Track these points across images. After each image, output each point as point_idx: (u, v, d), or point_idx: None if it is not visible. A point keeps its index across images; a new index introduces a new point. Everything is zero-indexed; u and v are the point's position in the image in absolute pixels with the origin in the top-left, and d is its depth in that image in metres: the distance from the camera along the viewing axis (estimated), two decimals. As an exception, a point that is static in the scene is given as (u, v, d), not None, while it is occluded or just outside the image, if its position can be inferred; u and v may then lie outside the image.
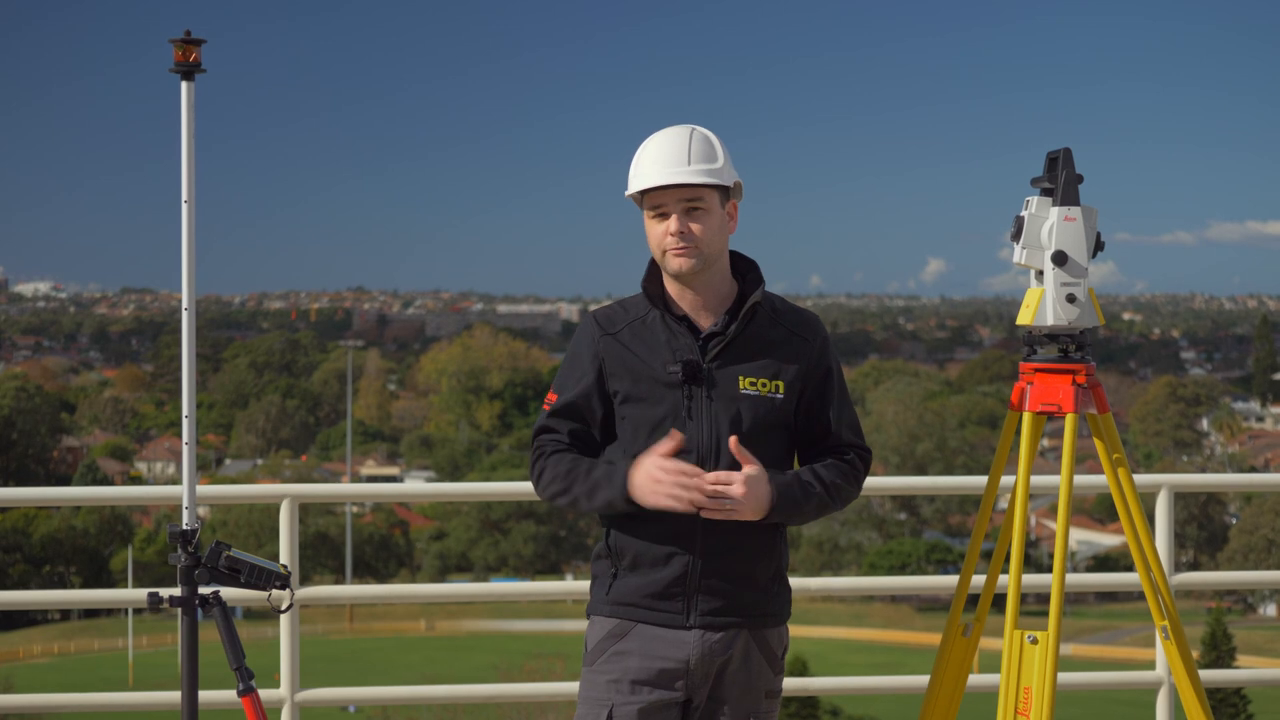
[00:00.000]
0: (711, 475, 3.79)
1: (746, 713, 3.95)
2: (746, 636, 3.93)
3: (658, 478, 3.78)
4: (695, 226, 3.89)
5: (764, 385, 3.92)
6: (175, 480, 72.58)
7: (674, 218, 3.90)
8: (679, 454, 3.86)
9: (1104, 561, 62.12)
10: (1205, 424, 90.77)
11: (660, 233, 3.92)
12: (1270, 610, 62.80)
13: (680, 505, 3.78)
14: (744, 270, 4.03)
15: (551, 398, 4.00)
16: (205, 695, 4.73)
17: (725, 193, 3.96)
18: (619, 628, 3.94)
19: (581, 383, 3.97)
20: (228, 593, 4.36)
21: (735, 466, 3.85)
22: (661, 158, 3.92)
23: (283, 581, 4.23)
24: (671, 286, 3.98)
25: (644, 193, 3.94)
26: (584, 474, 3.89)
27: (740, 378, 3.92)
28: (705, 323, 3.96)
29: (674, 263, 3.91)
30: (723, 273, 3.98)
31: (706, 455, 3.87)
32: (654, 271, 4.01)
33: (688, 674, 3.90)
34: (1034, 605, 4.94)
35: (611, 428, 3.97)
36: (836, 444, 4.00)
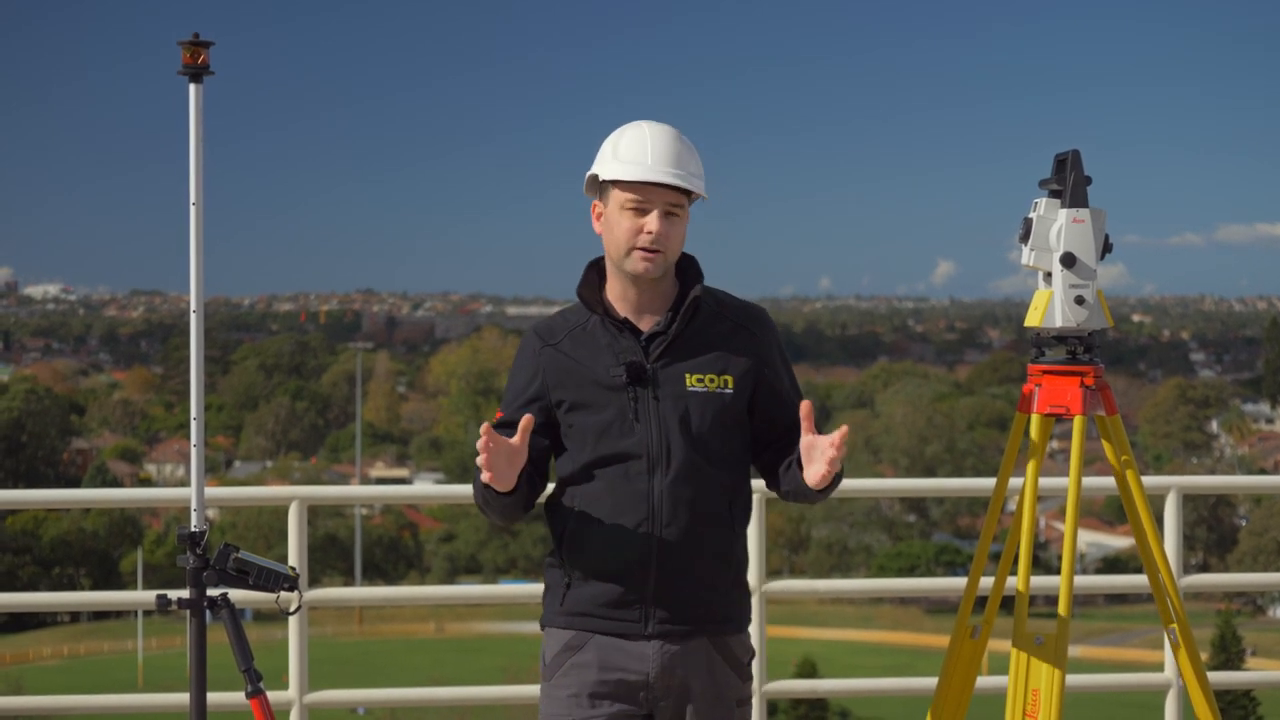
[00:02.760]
0: (830, 438, 3.64)
1: None
2: (709, 647, 3.80)
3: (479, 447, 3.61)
4: (670, 231, 3.78)
5: (711, 381, 3.80)
6: (185, 482, 72.58)
7: (655, 217, 3.76)
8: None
9: (1113, 563, 62.02)
10: (1215, 426, 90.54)
11: (633, 229, 3.77)
12: (1280, 612, 62.69)
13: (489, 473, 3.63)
14: (684, 266, 3.90)
15: (499, 415, 3.86)
16: (214, 697, 4.73)
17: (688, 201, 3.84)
18: (576, 639, 3.81)
19: (523, 397, 3.85)
20: (236, 595, 4.35)
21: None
22: (658, 154, 3.77)
23: (291, 583, 4.22)
24: (614, 288, 3.86)
25: (625, 183, 3.78)
26: (475, 475, 3.75)
27: (686, 375, 3.79)
28: (646, 325, 3.83)
29: (640, 264, 3.77)
30: (670, 276, 3.86)
31: (657, 457, 3.75)
32: (590, 276, 3.87)
33: (648, 687, 3.78)
34: (1043, 607, 4.90)
35: (559, 439, 3.85)
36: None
